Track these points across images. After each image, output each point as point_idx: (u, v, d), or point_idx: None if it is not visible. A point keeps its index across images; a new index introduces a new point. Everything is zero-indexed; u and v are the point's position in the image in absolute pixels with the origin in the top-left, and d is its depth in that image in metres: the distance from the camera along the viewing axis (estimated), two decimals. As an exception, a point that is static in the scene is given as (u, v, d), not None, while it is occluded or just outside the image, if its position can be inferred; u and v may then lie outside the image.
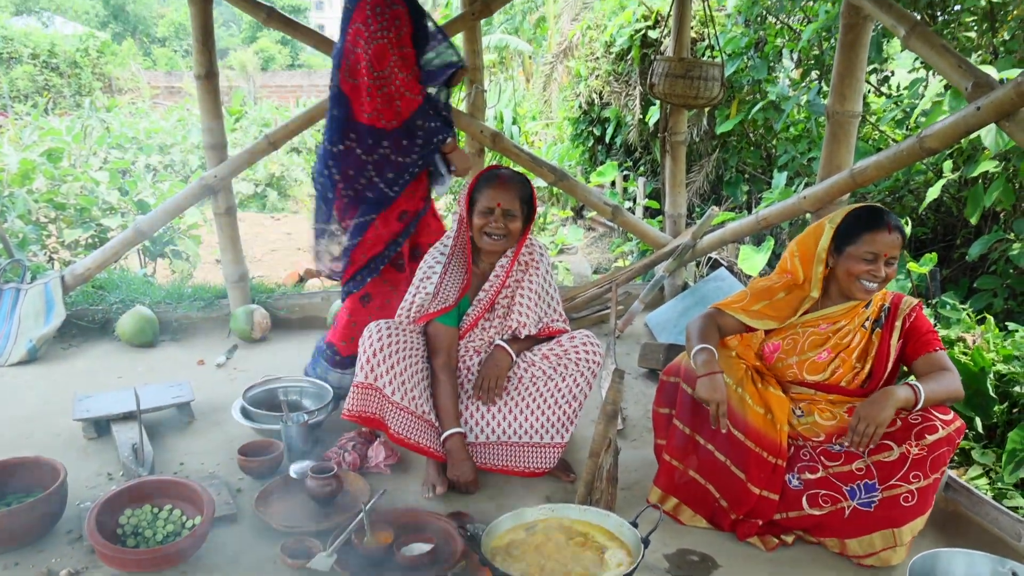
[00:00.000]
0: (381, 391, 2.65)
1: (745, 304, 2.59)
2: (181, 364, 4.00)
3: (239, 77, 19.91)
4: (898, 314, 2.53)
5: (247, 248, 8.09)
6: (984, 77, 2.73)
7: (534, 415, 2.81)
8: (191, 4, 4.09)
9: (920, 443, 2.28)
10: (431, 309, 2.71)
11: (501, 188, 2.68)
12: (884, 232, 2.38)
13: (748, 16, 6.18)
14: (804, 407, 2.57)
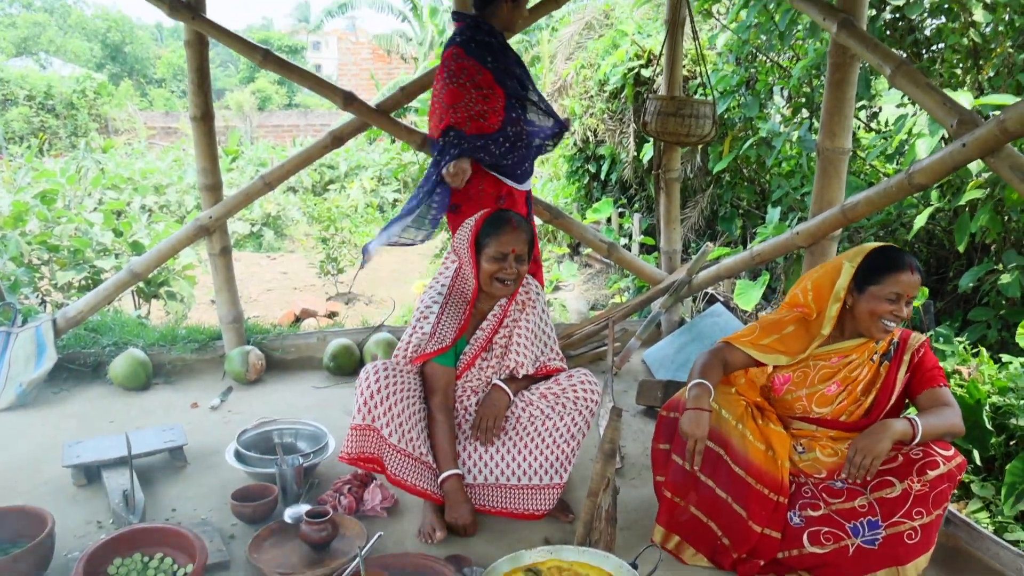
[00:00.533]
0: (379, 432, 2.63)
1: (755, 338, 2.60)
2: (175, 407, 3.97)
3: (236, 117, 20.05)
4: (907, 348, 2.55)
5: (243, 288, 8.13)
6: (968, 114, 2.76)
7: (532, 455, 2.79)
8: (187, 47, 4.14)
9: (922, 479, 2.27)
10: (428, 349, 2.70)
11: (513, 234, 2.68)
12: (907, 273, 2.41)
13: (739, 55, 6.26)
14: (805, 443, 2.56)
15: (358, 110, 4.23)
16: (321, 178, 13.54)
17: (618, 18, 8.98)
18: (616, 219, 8.63)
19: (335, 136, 4.33)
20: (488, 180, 3.37)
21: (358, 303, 8.10)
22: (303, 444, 3.34)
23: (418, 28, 18.08)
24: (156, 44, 40.29)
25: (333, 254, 8.30)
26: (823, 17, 3.35)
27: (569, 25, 9.71)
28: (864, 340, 2.51)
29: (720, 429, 2.49)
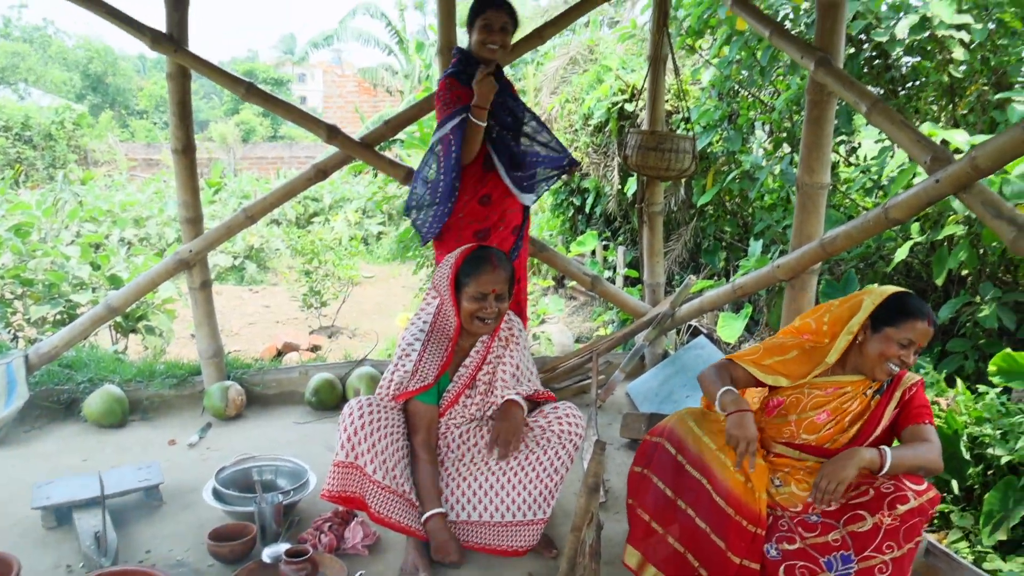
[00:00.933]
0: (362, 469, 2.60)
1: (758, 358, 2.60)
2: (151, 444, 3.91)
3: (219, 149, 20.06)
4: (899, 385, 2.56)
5: (224, 321, 8.06)
6: (942, 151, 2.81)
7: (515, 490, 2.76)
8: (169, 80, 4.14)
9: (892, 513, 2.27)
10: (410, 387, 2.68)
11: (493, 273, 2.68)
12: (925, 323, 2.44)
13: (721, 90, 6.34)
14: (782, 476, 2.56)
15: (342, 143, 4.24)
16: (305, 210, 13.53)
17: (602, 53, 9.08)
18: (600, 252, 8.66)
19: (319, 169, 4.34)
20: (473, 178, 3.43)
21: (341, 336, 8.06)
22: (283, 481, 3.30)
23: (404, 61, 18.20)
24: (139, 75, 40.27)
25: (316, 287, 8.27)
26: (801, 55, 3.41)
27: (554, 60, 9.81)
28: (862, 378, 2.52)
29: (703, 458, 2.47)
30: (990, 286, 4.40)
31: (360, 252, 11.23)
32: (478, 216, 3.48)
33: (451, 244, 3.48)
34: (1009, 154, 2.61)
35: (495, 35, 3.33)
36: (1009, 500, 3.10)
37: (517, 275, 3.67)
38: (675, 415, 2.59)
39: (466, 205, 3.47)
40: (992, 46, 4.62)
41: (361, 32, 18.28)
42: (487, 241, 3.49)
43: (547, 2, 14.12)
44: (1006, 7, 4.49)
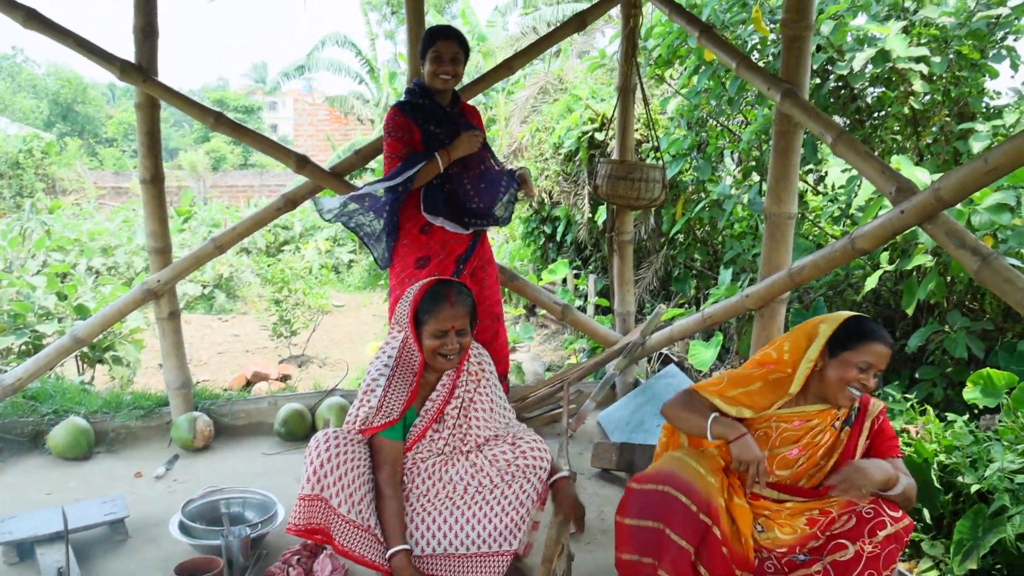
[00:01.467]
0: (328, 502, 2.56)
1: (722, 388, 2.57)
2: (117, 477, 3.85)
3: (189, 177, 19.92)
4: (867, 415, 2.57)
5: (193, 351, 7.98)
6: (906, 182, 2.86)
7: (481, 524, 2.74)
8: (138, 110, 4.13)
9: (872, 540, 2.29)
10: (375, 423, 2.65)
11: (452, 308, 2.65)
12: (881, 345, 2.45)
13: (690, 119, 6.41)
14: (763, 522, 2.53)
15: (311, 173, 4.23)
16: (275, 239, 13.45)
17: (572, 83, 9.17)
18: (572, 280, 8.69)
19: (288, 199, 4.33)
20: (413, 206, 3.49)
21: (312, 365, 7.99)
22: (251, 514, 3.26)
23: (375, 90, 18.27)
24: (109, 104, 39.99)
25: (286, 316, 8.20)
26: (767, 87, 3.47)
27: (524, 89, 9.90)
28: (827, 407, 2.53)
29: (711, 502, 2.36)
30: (958, 315, 4.46)
31: (331, 280, 11.17)
32: (419, 244, 3.51)
33: (396, 269, 3.55)
34: (971, 186, 2.66)
35: (446, 65, 3.41)
36: (979, 528, 3.11)
37: (494, 310, 3.77)
38: (671, 458, 2.49)
39: (408, 233, 3.52)
40: (952, 78, 4.72)
41: (332, 61, 18.33)
42: (427, 269, 3.49)
43: (517, 31, 14.27)
44: (964, 39, 4.60)
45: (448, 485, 2.76)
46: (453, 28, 3.51)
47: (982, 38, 4.59)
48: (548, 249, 9.44)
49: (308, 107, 22.21)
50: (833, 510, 2.44)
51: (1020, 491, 3.07)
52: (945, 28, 4.61)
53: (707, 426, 2.45)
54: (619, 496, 3.60)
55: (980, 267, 2.60)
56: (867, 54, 4.56)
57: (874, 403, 2.60)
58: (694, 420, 2.49)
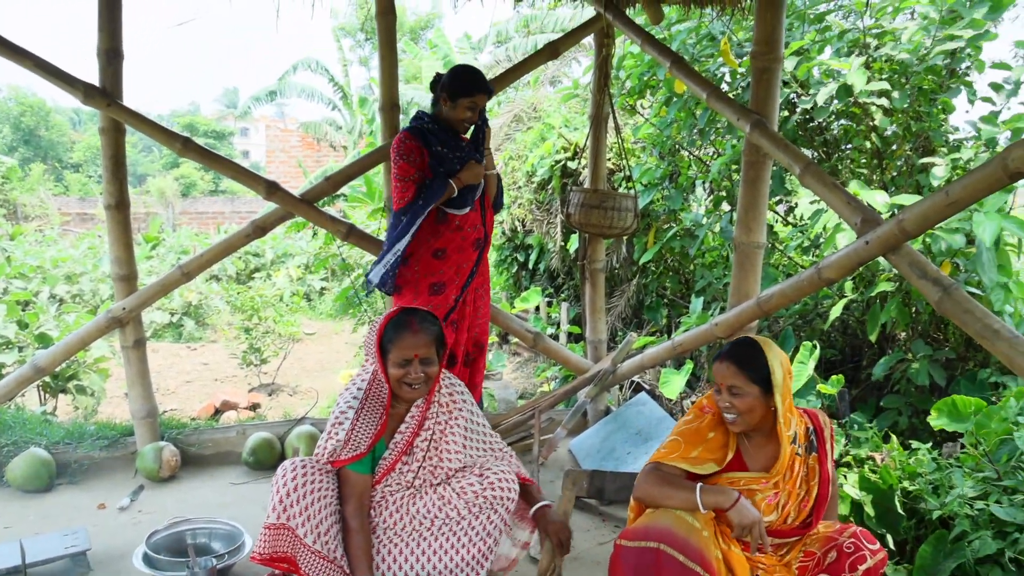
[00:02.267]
0: (294, 532, 2.52)
1: (683, 452, 2.54)
2: (79, 509, 3.76)
3: (158, 203, 19.76)
4: (825, 437, 2.59)
5: (160, 380, 7.88)
6: (871, 213, 2.91)
7: (448, 555, 2.72)
8: (102, 135, 4.09)
9: (854, 575, 2.32)
10: (342, 456, 2.62)
11: (415, 336, 2.63)
12: (719, 363, 2.50)
13: (662, 149, 6.49)
14: (762, 573, 2.51)
15: (281, 200, 4.22)
16: (246, 266, 13.35)
17: (545, 111, 9.25)
18: (544, 308, 8.70)
19: (258, 226, 4.30)
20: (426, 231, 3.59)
21: (282, 394, 7.90)
22: (218, 544, 3.21)
23: (348, 117, 18.29)
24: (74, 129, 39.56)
25: (256, 344, 8.12)
26: (737, 118, 3.52)
27: (497, 117, 9.95)
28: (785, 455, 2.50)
29: (705, 556, 2.30)
30: (922, 344, 4.53)
31: (302, 308, 11.08)
32: (432, 269, 3.58)
33: (408, 298, 3.59)
34: (933, 218, 2.71)
35: (476, 115, 3.59)
36: (940, 554, 3.15)
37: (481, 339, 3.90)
38: (669, 515, 2.40)
39: (420, 259, 3.57)
40: (914, 112, 4.83)
41: (304, 87, 18.34)
42: (443, 294, 3.59)
43: (489, 60, 14.39)
44: (923, 75, 4.71)
45: (416, 518, 2.74)
46: (485, 79, 3.63)
47: (939, 73, 4.71)
48: (521, 277, 9.46)
49: (280, 133, 22.14)
50: (816, 549, 2.45)
51: (980, 517, 3.12)
52: (904, 64, 4.73)
53: (696, 499, 2.38)
54: (589, 524, 3.63)
55: (941, 298, 2.65)
56: (830, 88, 4.66)
57: (822, 418, 2.63)
58: (680, 495, 2.41)
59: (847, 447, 3.91)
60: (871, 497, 3.51)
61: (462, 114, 3.55)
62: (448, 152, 3.58)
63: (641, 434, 4.25)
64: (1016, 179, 2.39)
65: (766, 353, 2.48)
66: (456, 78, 3.57)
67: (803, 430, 2.58)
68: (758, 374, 2.45)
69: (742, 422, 2.48)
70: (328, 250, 11.20)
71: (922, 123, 4.79)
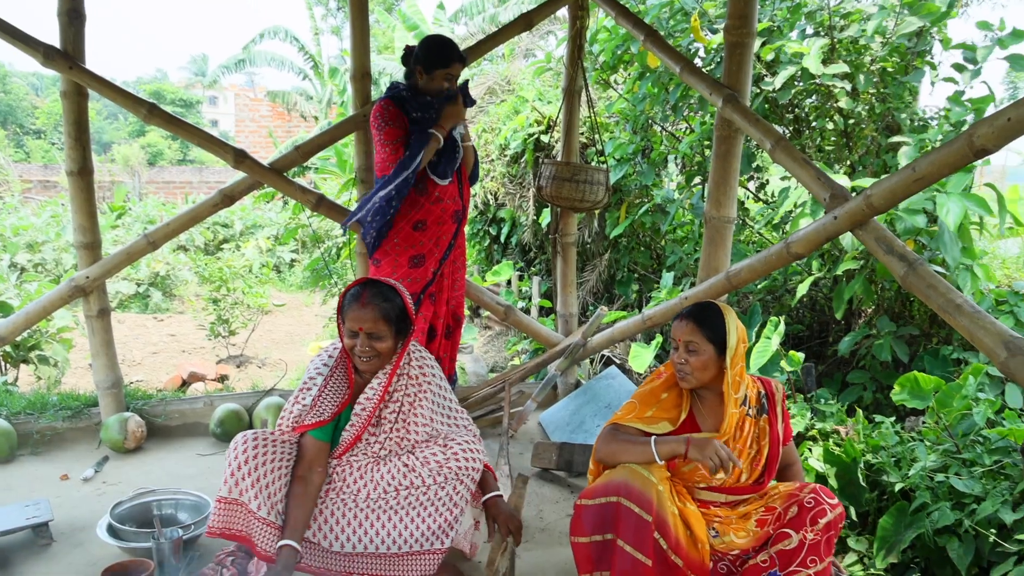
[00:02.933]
0: (246, 506, 2.53)
1: (638, 413, 2.63)
2: (42, 480, 3.71)
3: (123, 172, 19.39)
4: (776, 400, 2.68)
5: (126, 351, 7.78)
6: (840, 189, 2.93)
7: (414, 523, 2.72)
8: (64, 98, 3.99)
9: (814, 528, 2.38)
10: (306, 421, 2.62)
11: (359, 311, 2.63)
12: (679, 320, 2.61)
13: (635, 124, 6.48)
14: (717, 527, 2.57)
15: (250, 168, 4.16)
16: (214, 237, 13.19)
17: (519, 84, 9.19)
18: (516, 282, 8.70)
19: (226, 195, 4.24)
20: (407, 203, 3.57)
21: (250, 365, 7.85)
22: (184, 515, 3.19)
23: (319, 86, 18.05)
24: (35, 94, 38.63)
25: (224, 315, 8.04)
26: (710, 92, 3.52)
27: (471, 89, 9.88)
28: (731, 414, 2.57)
29: (664, 514, 2.38)
30: (886, 320, 4.60)
31: (271, 280, 11.00)
32: (412, 241, 3.59)
33: (387, 270, 3.60)
34: (900, 194, 2.74)
35: (453, 83, 3.58)
36: (901, 525, 3.23)
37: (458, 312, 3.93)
38: (625, 470, 2.46)
39: (400, 231, 3.57)
40: (879, 94, 4.86)
41: (274, 56, 18.05)
42: (422, 267, 3.60)
43: (464, 31, 14.25)
44: (887, 56, 4.73)
45: (380, 485, 2.73)
46: (459, 48, 3.61)
47: (904, 54, 4.74)
48: (493, 251, 9.44)
49: (250, 102, 21.79)
50: (777, 505, 2.51)
51: (939, 489, 3.20)
52: (866, 46, 4.76)
53: (652, 450, 2.46)
54: (558, 495, 3.65)
55: (906, 272, 2.68)
56: (789, 71, 4.69)
57: (776, 384, 2.72)
58: (636, 450, 2.50)
59: (812, 421, 3.97)
60: (835, 470, 3.58)
61: (439, 84, 3.53)
62: (428, 118, 3.57)
63: (611, 407, 4.28)
64: (981, 156, 2.42)
65: (725, 317, 2.58)
66: (430, 50, 3.55)
67: (755, 394, 2.67)
68: (715, 334, 2.55)
69: (694, 379, 2.58)
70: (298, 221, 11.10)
71: (886, 104, 4.82)
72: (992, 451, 3.27)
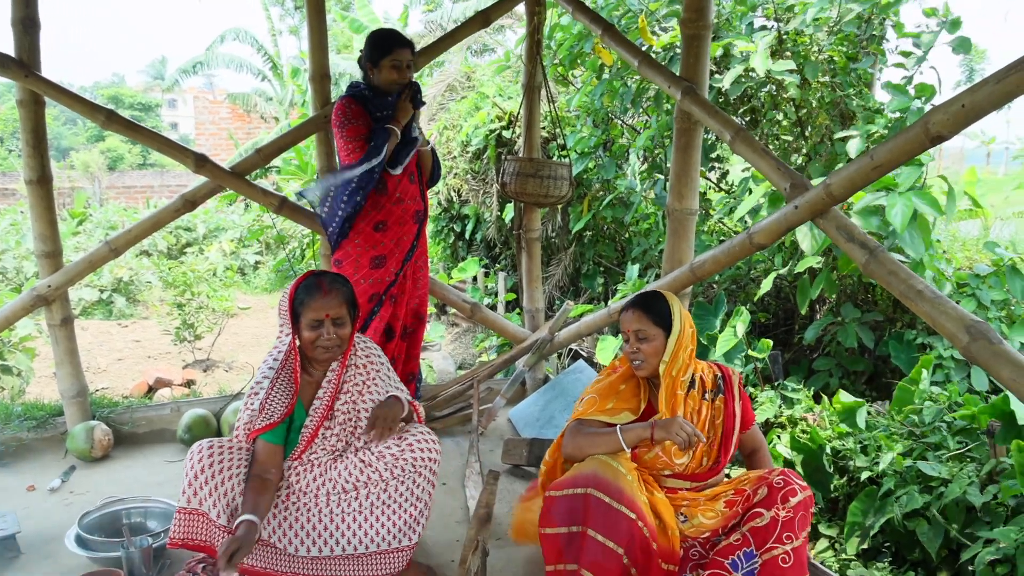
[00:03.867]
0: (206, 515, 2.51)
1: (599, 407, 2.68)
2: (8, 492, 3.65)
3: (83, 178, 19.06)
4: (733, 384, 2.75)
5: (91, 358, 7.67)
6: (799, 178, 2.97)
7: (379, 521, 2.71)
8: (20, 107, 3.93)
9: (785, 506, 2.41)
10: (256, 425, 2.59)
11: (326, 297, 2.62)
12: (627, 311, 2.68)
13: (595, 118, 6.51)
14: (686, 511, 2.60)
15: (211, 172, 4.12)
16: (177, 241, 13.03)
17: (479, 80, 9.19)
18: (482, 278, 8.71)
19: (187, 200, 4.20)
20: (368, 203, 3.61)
21: (217, 370, 7.78)
22: (153, 523, 3.16)
23: (279, 87, 17.88)
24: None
25: (190, 319, 7.96)
26: (668, 85, 3.55)
27: (431, 86, 9.86)
28: (672, 394, 2.63)
29: (635, 501, 2.41)
30: (851, 307, 4.67)
31: (236, 282, 10.89)
32: (374, 242, 3.63)
33: (349, 271, 3.62)
34: (859, 182, 2.78)
35: (404, 72, 3.57)
36: (870, 510, 3.28)
37: (420, 310, 3.96)
38: (595, 461, 2.49)
39: (361, 232, 3.61)
40: (829, 83, 4.94)
41: (233, 58, 17.84)
42: (384, 267, 3.65)
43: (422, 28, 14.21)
44: (834, 45, 4.81)
45: (338, 483, 2.72)
46: (401, 34, 3.64)
47: (853, 41, 4.81)
48: (458, 247, 9.45)
49: (209, 104, 21.51)
50: (747, 488, 2.54)
51: (908, 473, 3.25)
52: (814, 37, 4.83)
53: (619, 439, 2.51)
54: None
55: (867, 260, 2.72)
56: (736, 71, 4.77)
57: (734, 371, 2.80)
58: (602, 441, 2.55)
59: (781, 408, 4.03)
60: (802, 457, 3.64)
61: (389, 75, 3.56)
62: (388, 116, 3.59)
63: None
64: (937, 142, 2.46)
65: (669, 302, 2.67)
66: (372, 43, 3.60)
67: (710, 377, 2.75)
68: (661, 319, 2.63)
69: (647, 366, 2.64)
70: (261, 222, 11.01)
71: (836, 92, 4.90)
72: (956, 433, 3.34)
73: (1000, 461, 3.07)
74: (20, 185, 17.13)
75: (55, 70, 8.30)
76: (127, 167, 26.63)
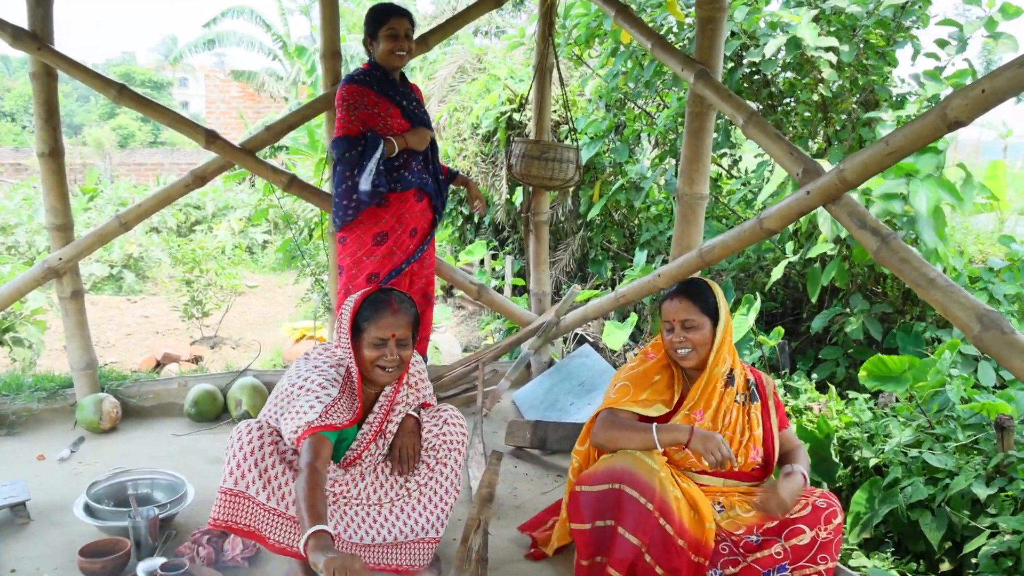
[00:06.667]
0: (253, 498, 2.38)
1: (633, 396, 2.62)
2: (18, 460, 3.69)
3: (95, 154, 19.08)
4: (767, 393, 2.70)
5: (100, 333, 7.72)
6: (812, 164, 2.95)
7: (416, 511, 2.70)
8: (33, 80, 3.95)
9: (828, 527, 2.42)
10: (320, 423, 2.39)
11: (393, 316, 2.49)
12: (669, 300, 2.62)
13: (608, 101, 6.48)
14: (723, 501, 2.59)
15: (221, 149, 4.13)
16: (187, 218, 13.05)
17: (490, 62, 9.15)
18: (489, 261, 8.71)
19: (197, 176, 4.22)
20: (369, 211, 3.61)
21: (224, 347, 7.81)
22: (160, 494, 3.19)
23: (288, 66, 17.84)
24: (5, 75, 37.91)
25: (198, 296, 7.99)
26: (681, 67, 3.53)
27: (442, 67, 9.82)
28: (707, 383, 2.60)
29: (666, 498, 2.40)
30: (859, 298, 4.65)
31: (244, 261, 10.90)
32: (376, 218, 3.65)
33: (351, 248, 3.68)
34: (873, 168, 2.75)
35: (402, 42, 3.56)
36: (874, 500, 3.27)
37: (427, 290, 4.00)
38: (629, 456, 2.48)
39: (361, 240, 3.67)
40: (860, 66, 4.89)
41: (243, 36, 17.81)
42: (386, 245, 3.66)
43: (433, 9, 14.15)
44: (872, 28, 4.76)
45: (377, 488, 2.69)
46: (398, 5, 3.60)
47: (888, 27, 4.77)
48: (466, 230, 9.44)
49: (219, 83, 21.49)
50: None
51: (913, 464, 3.24)
52: (853, 16, 4.77)
53: (654, 438, 2.47)
54: (533, 472, 3.69)
55: (879, 247, 2.70)
56: (779, 41, 4.68)
57: (766, 378, 2.74)
58: (638, 436, 2.50)
59: (786, 398, 4.02)
60: (808, 446, 3.63)
61: (388, 45, 3.55)
62: (398, 96, 3.62)
63: (584, 385, 4.31)
64: (955, 128, 2.42)
65: (714, 290, 2.62)
66: (369, 16, 3.61)
67: (743, 380, 2.68)
68: (708, 308, 2.58)
69: (696, 356, 2.58)
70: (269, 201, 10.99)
71: (867, 76, 4.85)
72: (966, 427, 3.31)
73: (1008, 455, 3.06)
74: (33, 161, 17.17)
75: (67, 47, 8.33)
76: (138, 144, 26.63)
